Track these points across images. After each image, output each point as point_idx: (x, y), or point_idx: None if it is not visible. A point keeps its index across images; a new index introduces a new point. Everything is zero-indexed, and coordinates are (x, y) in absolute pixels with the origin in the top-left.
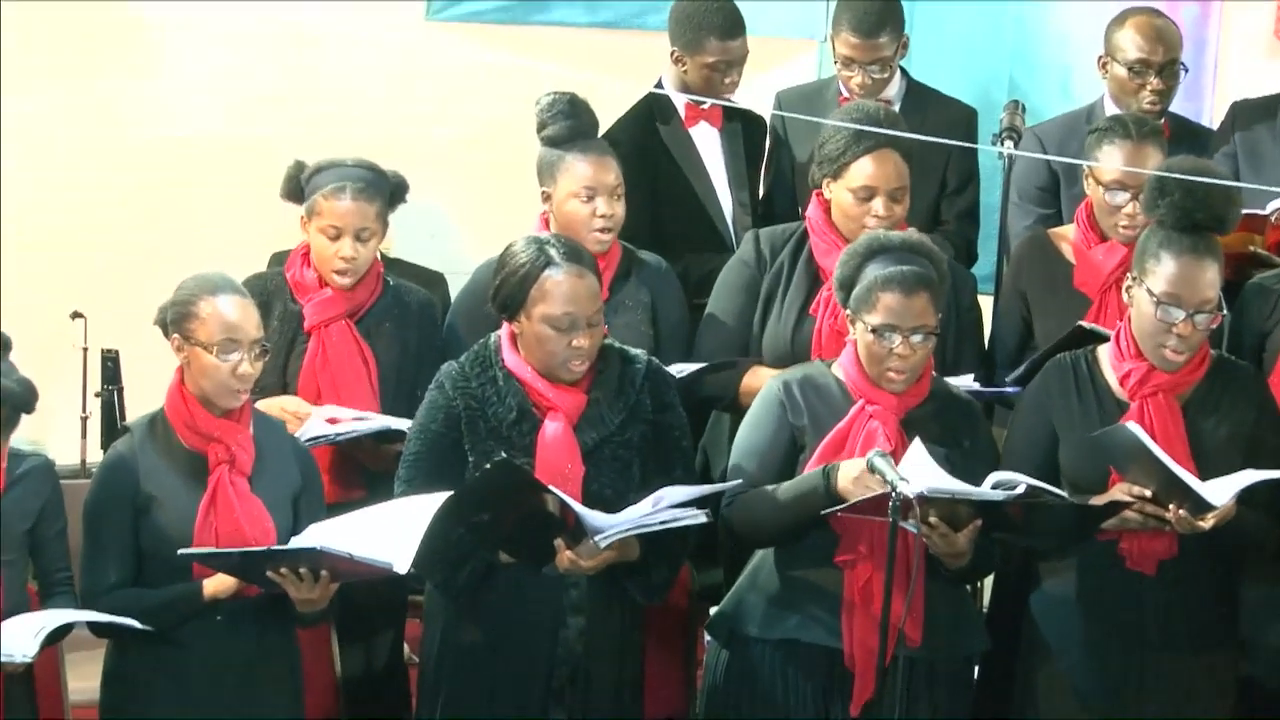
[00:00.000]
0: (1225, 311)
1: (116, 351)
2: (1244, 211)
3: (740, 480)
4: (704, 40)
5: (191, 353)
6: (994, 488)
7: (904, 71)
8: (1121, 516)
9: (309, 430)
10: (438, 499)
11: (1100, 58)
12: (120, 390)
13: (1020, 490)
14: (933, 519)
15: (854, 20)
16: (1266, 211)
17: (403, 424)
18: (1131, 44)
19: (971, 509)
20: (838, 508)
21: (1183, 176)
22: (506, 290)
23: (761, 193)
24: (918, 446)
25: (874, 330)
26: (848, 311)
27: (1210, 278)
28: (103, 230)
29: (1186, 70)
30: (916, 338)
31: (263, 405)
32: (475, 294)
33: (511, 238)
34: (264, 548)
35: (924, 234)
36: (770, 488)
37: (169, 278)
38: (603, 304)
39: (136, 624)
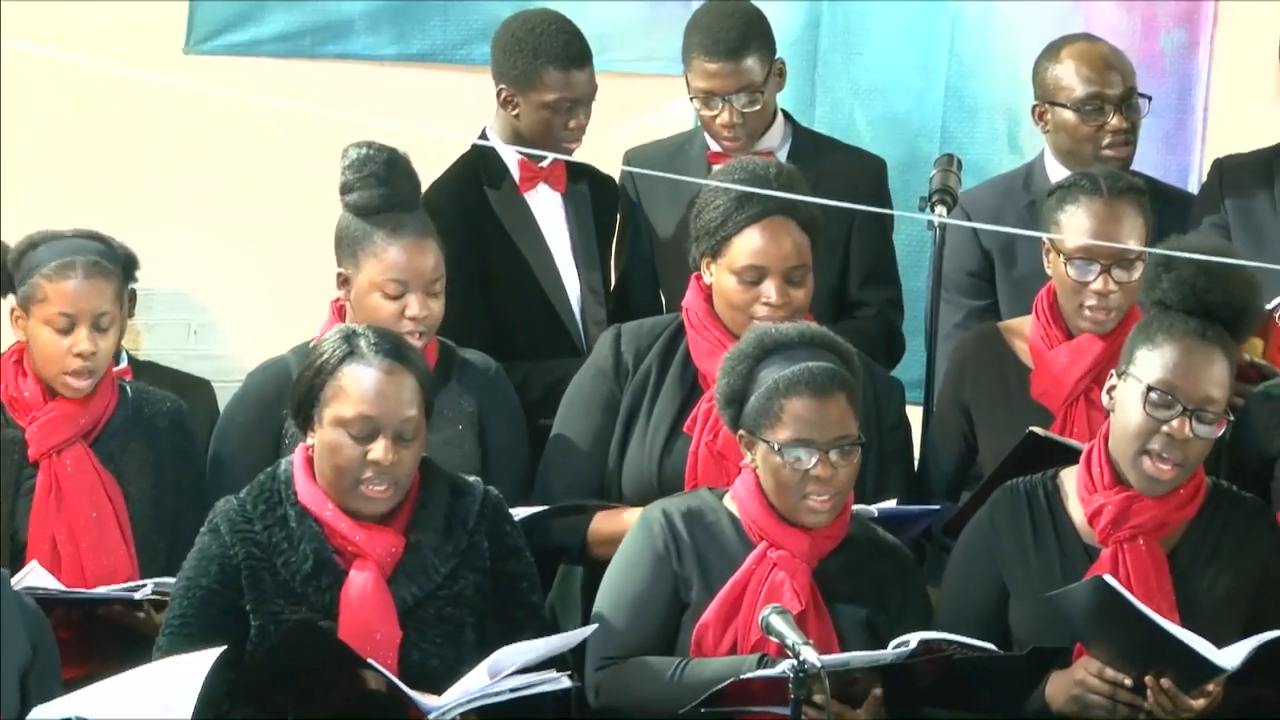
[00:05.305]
0: (1232, 417)
1: None
2: None
3: (599, 630)
4: (539, 72)
5: None
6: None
7: (788, 117)
8: (1084, 700)
9: (28, 581)
10: (209, 657)
11: (1035, 107)
12: None
13: (913, 645)
14: (818, 698)
15: (708, 41)
16: (1270, 307)
17: (143, 590)
18: (1077, 77)
19: (873, 677)
20: (714, 689)
21: (1190, 255)
22: (299, 392)
23: (614, 278)
24: None
25: (781, 450)
26: (741, 433)
27: (1218, 374)
28: None
29: (1149, 100)
30: (836, 453)
31: None
32: (250, 406)
33: (297, 331)
34: None
35: (827, 326)
36: (670, 662)
37: None
38: (421, 414)
39: None
